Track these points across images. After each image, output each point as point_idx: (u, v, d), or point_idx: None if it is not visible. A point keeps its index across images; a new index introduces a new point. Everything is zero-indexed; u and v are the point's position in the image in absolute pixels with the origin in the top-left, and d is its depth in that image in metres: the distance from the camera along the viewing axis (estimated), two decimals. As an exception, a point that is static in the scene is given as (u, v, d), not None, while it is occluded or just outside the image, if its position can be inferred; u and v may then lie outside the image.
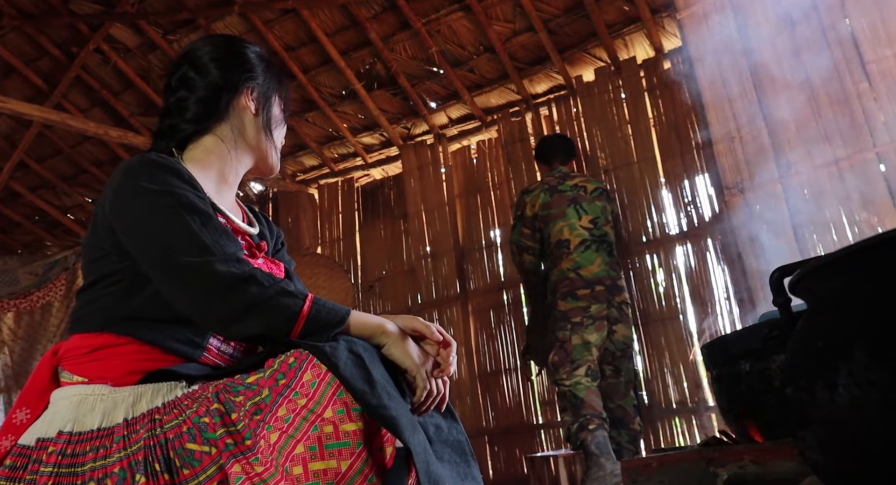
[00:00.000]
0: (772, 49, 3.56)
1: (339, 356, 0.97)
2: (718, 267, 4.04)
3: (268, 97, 1.34)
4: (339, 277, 5.22)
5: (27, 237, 6.94)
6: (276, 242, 1.40)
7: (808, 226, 3.33)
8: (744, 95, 3.62)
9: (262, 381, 0.99)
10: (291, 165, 5.91)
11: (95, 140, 5.78)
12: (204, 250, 1.05)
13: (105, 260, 1.14)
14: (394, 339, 1.05)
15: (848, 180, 3.23)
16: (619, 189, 4.42)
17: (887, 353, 0.83)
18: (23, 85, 5.57)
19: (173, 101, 1.29)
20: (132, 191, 1.11)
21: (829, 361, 0.89)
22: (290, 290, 1.06)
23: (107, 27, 5.15)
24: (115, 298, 1.12)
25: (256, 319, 1.03)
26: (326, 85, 5.28)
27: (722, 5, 3.78)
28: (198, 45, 1.33)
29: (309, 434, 0.93)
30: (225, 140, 1.28)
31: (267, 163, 1.37)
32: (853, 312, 0.90)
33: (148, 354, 1.09)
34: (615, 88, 4.55)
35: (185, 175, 1.15)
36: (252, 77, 1.32)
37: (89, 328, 1.11)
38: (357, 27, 4.87)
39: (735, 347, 1.47)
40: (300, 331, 1.03)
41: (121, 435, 0.99)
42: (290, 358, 1.00)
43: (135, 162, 1.14)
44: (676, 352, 4.06)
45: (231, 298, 1.03)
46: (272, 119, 1.34)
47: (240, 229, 1.26)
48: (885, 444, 0.84)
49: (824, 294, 0.97)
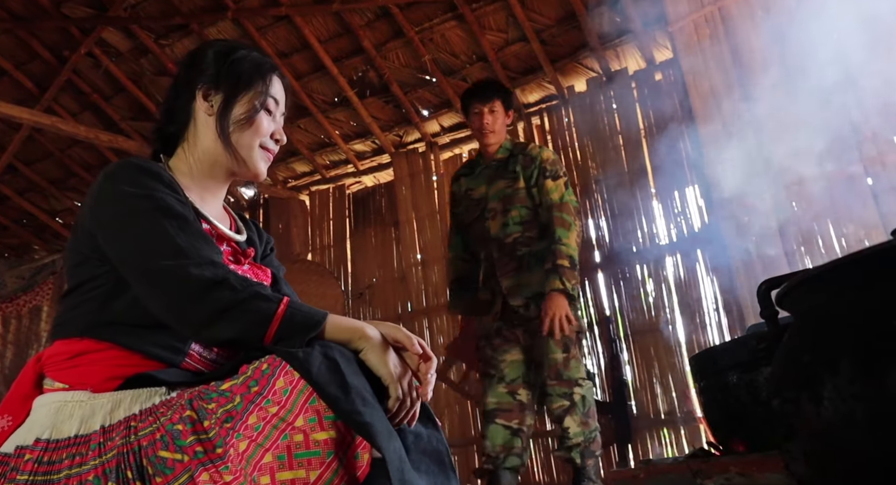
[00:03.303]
0: (761, 61, 3.60)
1: (312, 362, 0.95)
2: (707, 278, 4.05)
3: (229, 96, 1.24)
4: (330, 285, 5.20)
5: (14, 241, 6.89)
6: (265, 248, 1.39)
7: (797, 238, 3.36)
8: (733, 107, 3.65)
9: (235, 388, 0.98)
10: (283, 171, 5.90)
11: (85, 144, 5.76)
12: (178, 253, 1.05)
13: (86, 265, 1.13)
14: (371, 344, 1.03)
15: (835, 193, 3.26)
16: (609, 199, 4.44)
17: (872, 367, 0.83)
18: (13, 88, 5.54)
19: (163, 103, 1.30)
20: (111, 195, 1.11)
21: (815, 374, 0.89)
22: (265, 294, 1.05)
23: (99, 31, 5.14)
24: (96, 304, 1.11)
25: (229, 323, 1.02)
26: (319, 92, 5.29)
27: (712, 18, 3.81)
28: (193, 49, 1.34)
29: (278, 443, 0.92)
30: (188, 147, 1.26)
31: (241, 167, 1.26)
32: (839, 326, 0.90)
33: (128, 360, 1.08)
34: (606, 99, 4.58)
35: (166, 178, 1.14)
36: (205, 77, 1.24)
37: (70, 334, 1.11)
38: (350, 35, 4.88)
39: (723, 359, 1.48)
40: (273, 335, 1.02)
41: (97, 442, 0.98)
42: (264, 365, 0.98)
43: (116, 166, 1.14)
44: (665, 362, 4.07)
45: (203, 302, 1.02)
46: (231, 120, 1.23)
47: (225, 235, 1.25)
48: (869, 457, 0.84)
49: (810, 308, 0.98)
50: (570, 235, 2.78)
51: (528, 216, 2.90)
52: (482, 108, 2.94)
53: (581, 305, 4.49)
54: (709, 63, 3.77)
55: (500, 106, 2.97)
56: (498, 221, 2.92)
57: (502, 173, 2.97)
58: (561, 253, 2.73)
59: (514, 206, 2.90)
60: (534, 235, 2.88)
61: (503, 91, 3.07)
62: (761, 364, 1.36)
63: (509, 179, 2.94)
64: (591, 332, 4.34)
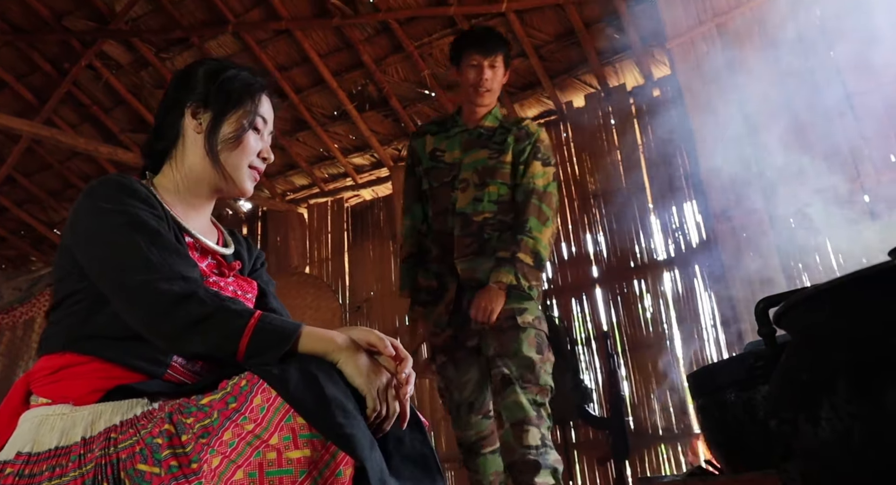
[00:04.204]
0: (759, 79, 3.61)
1: (288, 378, 0.94)
2: (705, 293, 4.05)
3: (218, 115, 1.25)
4: (327, 298, 5.20)
5: (12, 252, 6.88)
6: (254, 262, 1.39)
7: (794, 254, 3.36)
8: (731, 123, 3.66)
9: (215, 403, 0.98)
10: (281, 184, 5.91)
11: (85, 156, 5.77)
12: (149, 268, 1.06)
13: (68, 280, 1.15)
14: (346, 355, 1.02)
15: (833, 210, 3.26)
16: (607, 214, 4.45)
17: (869, 387, 0.83)
18: (13, 100, 5.56)
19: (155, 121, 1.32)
20: (88, 211, 1.13)
21: (813, 394, 0.89)
22: (235, 309, 1.05)
23: (100, 44, 5.16)
24: (78, 318, 1.12)
25: (198, 337, 1.03)
26: (318, 105, 5.30)
27: (710, 35, 3.83)
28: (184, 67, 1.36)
29: (251, 460, 0.91)
30: (175, 164, 1.27)
31: (228, 186, 1.27)
32: (836, 345, 0.90)
33: (110, 373, 1.08)
34: (605, 114, 4.60)
35: (142, 194, 1.16)
36: (194, 95, 1.26)
37: (53, 349, 1.12)
38: (350, 49, 4.91)
39: (720, 377, 1.48)
40: (245, 350, 1.01)
41: (78, 454, 0.99)
42: (243, 381, 0.98)
43: (96, 183, 1.16)
44: (663, 378, 4.06)
45: (172, 316, 1.03)
46: (219, 139, 1.24)
47: (209, 249, 1.26)
48: (866, 478, 0.84)
49: (808, 327, 0.98)
50: (543, 230, 2.40)
51: (506, 196, 2.48)
52: (482, 62, 2.49)
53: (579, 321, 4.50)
54: (707, 80, 3.79)
55: (501, 62, 2.53)
56: (469, 195, 2.48)
57: (485, 142, 2.54)
58: (526, 246, 2.36)
59: (493, 181, 2.48)
60: (507, 219, 2.47)
61: (506, 45, 2.61)
62: (759, 382, 1.35)
63: (494, 149, 2.52)
64: (589, 347, 4.33)
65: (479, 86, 2.50)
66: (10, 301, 5.95)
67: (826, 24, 3.46)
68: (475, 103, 2.54)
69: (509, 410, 2.26)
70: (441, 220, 2.52)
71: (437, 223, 2.53)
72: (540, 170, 2.48)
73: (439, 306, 2.47)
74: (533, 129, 2.56)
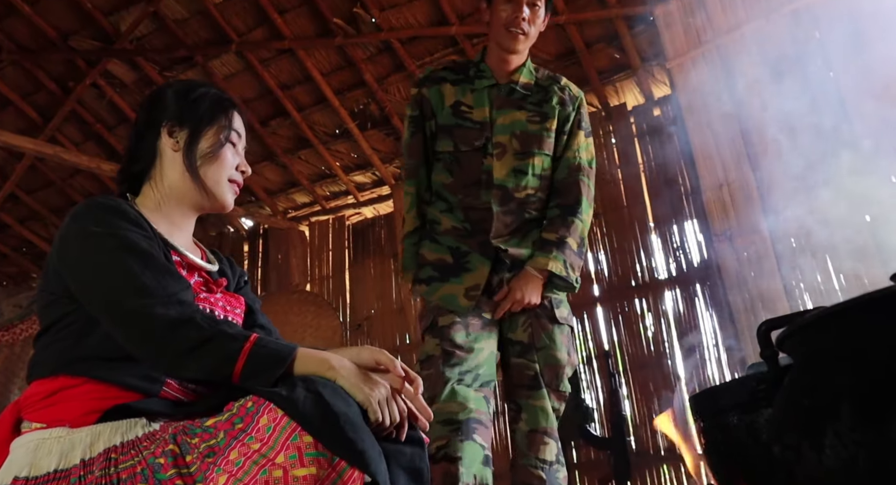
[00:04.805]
0: (759, 98, 3.64)
1: (296, 397, 0.96)
2: (707, 313, 4.05)
3: (194, 132, 1.27)
4: (328, 316, 5.19)
5: (13, 269, 6.89)
6: (238, 280, 1.40)
7: (796, 274, 3.36)
8: (732, 143, 3.68)
9: (220, 424, 0.99)
10: (283, 201, 5.92)
11: (87, 173, 5.79)
12: (144, 292, 1.06)
13: (56, 305, 1.14)
14: (342, 373, 1.03)
15: (834, 229, 3.27)
16: (608, 232, 4.45)
17: (875, 414, 0.83)
18: (17, 118, 5.59)
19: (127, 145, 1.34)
20: (77, 234, 1.13)
21: (816, 420, 0.89)
22: (231, 332, 1.05)
23: (104, 63, 5.20)
24: (69, 342, 1.12)
25: (195, 362, 1.03)
26: (320, 124, 5.33)
27: (710, 55, 3.86)
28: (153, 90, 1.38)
29: (257, 478, 0.92)
30: (155, 185, 1.28)
31: (209, 201, 1.29)
32: (839, 371, 0.90)
33: (105, 393, 1.08)
34: (605, 133, 4.62)
35: (131, 215, 1.16)
36: (168, 115, 1.27)
37: (44, 373, 1.11)
38: (352, 68, 4.94)
39: (723, 399, 1.47)
40: (240, 373, 1.02)
41: (77, 476, 0.98)
42: (249, 402, 0.99)
43: (82, 206, 1.16)
44: (665, 397, 4.04)
45: (169, 341, 1.03)
46: (197, 155, 1.26)
47: (196, 265, 1.26)
48: (872, 506, 0.83)
49: (810, 352, 0.97)
50: (590, 212, 2.12)
51: (548, 172, 2.12)
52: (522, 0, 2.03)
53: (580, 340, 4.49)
54: (707, 99, 3.81)
55: (543, 2, 2.10)
56: (507, 164, 2.07)
57: (520, 102, 2.12)
58: (576, 229, 2.06)
59: (539, 151, 2.09)
60: (545, 197, 2.12)
61: None
62: (762, 406, 1.35)
63: (533, 111, 2.11)
64: (590, 366, 4.32)
65: (513, 26, 2.05)
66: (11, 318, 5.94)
67: (825, 45, 3.49)
68: (507, 48, 2.10)
69: (533, 414, 1.99)
70: (471, 191, 2.07)
71: (465, 194, 2.08)
72: (584, 141, 2.15)
73: (453, 285, 2.02)
74: (576, 91, 2.20)
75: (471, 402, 1.90)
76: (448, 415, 1.86)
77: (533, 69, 2.20)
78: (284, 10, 4.72)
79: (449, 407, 1.88)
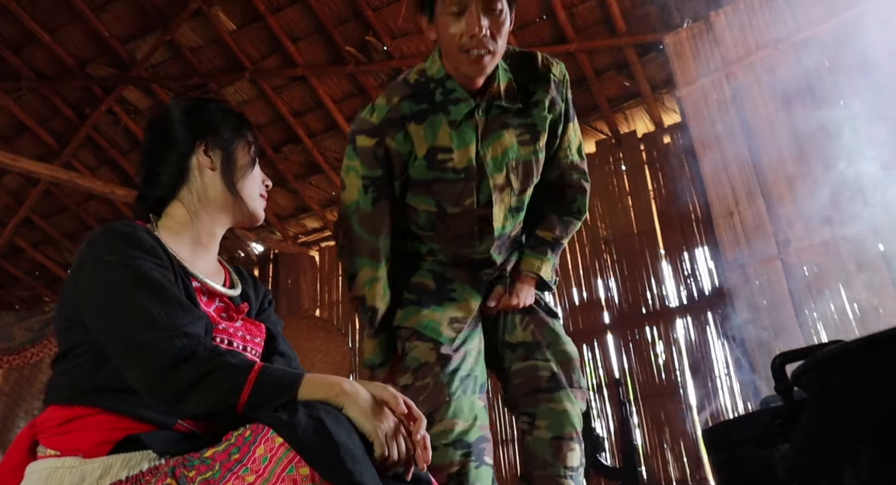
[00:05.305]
0: (769, 127, 3.64)
1: (296, 423, 0.94)
2: (718, 341, 4.01)
3: (228, 149, 1.28)
4: (337, 341, 5.18)
5: (26, 292, 6.93)
6: (261, 301, 1.38)
7: (808, 302, 3.33)
8: (742, 170, 3.68)
9: (217, 455, 0.97)
10: (294, 227, 5.95)
11: (101, 198, 5.84)
12: (151, 325, 1.04)
13: (72, 331, 1.14)
14: (352, 400, 1.00)
15: (846, 258, 3.25)
16: (619, 260, 4.44)
17: (894, 453, 0.82)
18: (34, 144, 5.66)
19: (142, 170, 1.31)
20: (90, 263, 1.12)
21: (835, 458, 0.87)
22: (235, 363, 1.03)
23: (120, 90, 5.28)
24: (84, 370, 1.11)
25: (198, 398, 1.01)
26: (331, 149, 5.37)
27: (720, 84, 3.88)
28: (159, 111, 1.35)
29: None
30: (188, 204, 1.27)
31: (245, 215, 1.32)
32: (856, 408, 0.89)
33: (119, 424, 1.07)
34: (616, 160, 4.63)
35: (146, 243, 1.14)
36: (205, 132, 1.28)
37: (60, 400, 1.11)
38: (363, 95, 4.99)
39: (737, 433, 1.45)
40: (245, 404, 1.01)
41: None
42: (247, 431, 0.97)
43: (98, 233, 1.15)
44: (676, 427, 3.99)
45: (170, 379, 1.01)
46: (236, 171, 1.28)
47: (216, 292, 1.25)
48: (892, 548, 0.82)
49: (827, 388, 0.96)
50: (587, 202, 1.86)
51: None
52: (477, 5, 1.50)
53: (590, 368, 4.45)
54: (717, 127, 3.82)
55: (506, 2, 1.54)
56: (505, 206, 1.72)
57: (504, 118, 1.67)
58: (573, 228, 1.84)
59: (532, 177, 1.72)
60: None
61: None
62: (777, 440, 1.33)
63: (523, 127, 1.68)
64: (601, 394, 4.28)
65: (472, 47, 1.51)
66: (22, 342, 5.97)
67: (835, 73, 3.50)
68: (470, 75, 1.58)
69: (555, 419, 1.73)
70: (461, 242, 1.76)
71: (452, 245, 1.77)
72: (572, 131, 1.78)
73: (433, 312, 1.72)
74: (559, 72, 1.71)
75: (478, 416, 1.66)
76: (457, 435, 1.61)
77: (506, 65, 1.67)
78: (297, 39, 4.79)
79: (456, 424, 1.62)
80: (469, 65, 1.54)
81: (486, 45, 1.51)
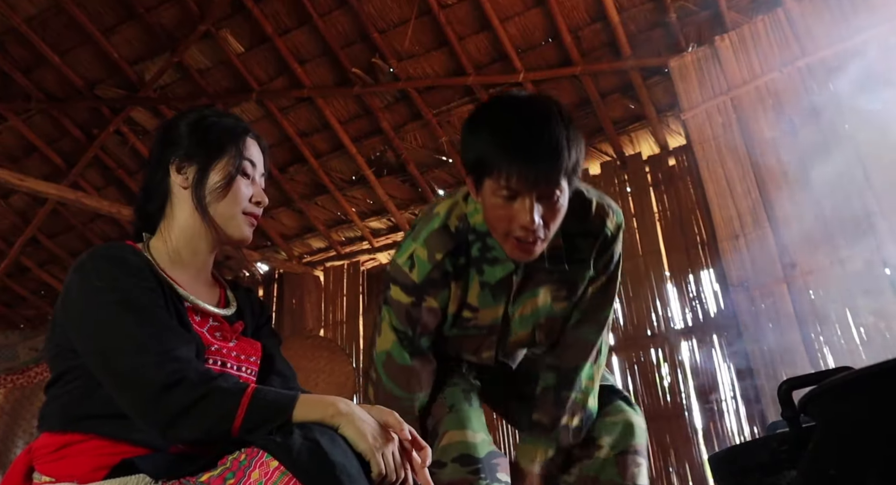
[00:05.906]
0: (774, 150, 3.65)
1: (291, 444, 0.93)
2: (724, 364, 3.99)
3: (202, 167, 1.22)
4: (341, 361, 5.16)
5: (31, 312, 6.93)
6: (259, 318, 1.36)
7: (814, 326, 3.31)
8: (747, 194, 3.68)
9: (213, 480, 0.96)
10: (298, 246, 5.96)
11: (107, 217, 5.87)
12: (139, 350, 1.04)
13: (62, 357, 1.13)
14: (347, 420, 0.99)
15: (852, 282, 3.23)
16: (623, 282, 4.42)
17: (902, 484, 0.81)
18: (42, 164, 5.70)
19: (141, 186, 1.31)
20: (78, 288, 1.11)
21: (843, 489, 0.87)
22: (227, 387, 1.02)
23: (128, 110, 5.32)
24: (76, 396, 1.10)
25: (191, 424, 1.01)
26: (337, 170, 5.40)
27: (724, 107, 3.89)
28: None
29: None
30: (170, 222, 1.25)
31: (222, 235, 1.24)
32: (865, 437, 0.88)
33: (114, 448, 1.07)
34: (621, 182, 4.64)
35: (133, 266, 1.13)
36: (177, 150, 1.23)
37: (53, 427, 1.10)
38: (369, 116, 5.02)
39: (743, 460, 1.44)
40: (239, 427, 1.00)
41: None
42: (242, 455, 0.97)
43: (86, 257, 1.14)
44: (681, 450, 3.96)
45: (161, 405, 1.01)
46: (207, 190, 1.21)
47: (209, 313, 1.23)
48: None
49: (835, 416, 0.96)
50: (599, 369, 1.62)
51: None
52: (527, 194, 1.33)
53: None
54: (721, 150, 3.83)
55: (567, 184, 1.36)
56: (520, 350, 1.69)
57: (545, 276, 1.52)
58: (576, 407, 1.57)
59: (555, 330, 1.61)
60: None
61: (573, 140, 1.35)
62: (784, 468, 1.32)
63: (563, 284, 1.55)
64: (607, 417, 4.25)
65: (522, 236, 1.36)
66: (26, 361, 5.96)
67: (839, 97, 3.51)
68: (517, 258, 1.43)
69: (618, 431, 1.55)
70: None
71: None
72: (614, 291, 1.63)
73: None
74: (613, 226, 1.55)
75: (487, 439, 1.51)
76: (462, 449, 1.46)
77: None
78: (304, 60, 4.83)
79: (462, 436, 1.47)
80: (513, 250, 1.39)
81: (537, 235, 1.34)
